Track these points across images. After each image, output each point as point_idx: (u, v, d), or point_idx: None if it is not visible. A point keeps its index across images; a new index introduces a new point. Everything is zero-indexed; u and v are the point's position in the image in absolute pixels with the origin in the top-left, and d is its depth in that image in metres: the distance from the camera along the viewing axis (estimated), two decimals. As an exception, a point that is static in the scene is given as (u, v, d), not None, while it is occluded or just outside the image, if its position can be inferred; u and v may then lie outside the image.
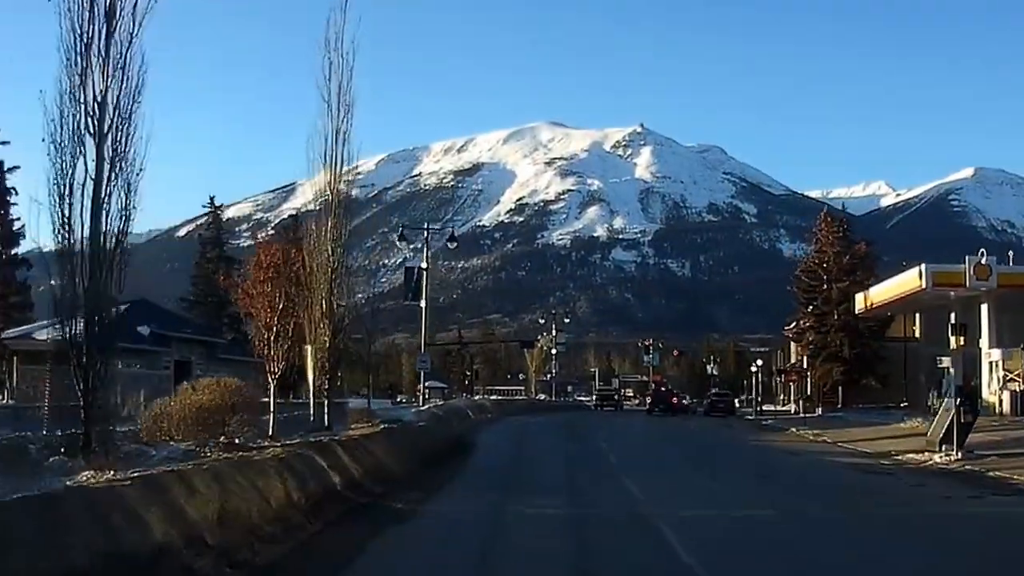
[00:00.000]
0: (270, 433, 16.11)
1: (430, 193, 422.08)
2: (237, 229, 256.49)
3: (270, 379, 16.17)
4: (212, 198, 69.17)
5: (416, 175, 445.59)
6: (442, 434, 25.59)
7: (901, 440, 29.39)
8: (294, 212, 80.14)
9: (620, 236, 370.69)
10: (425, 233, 43.34)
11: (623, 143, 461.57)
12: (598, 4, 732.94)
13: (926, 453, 23.80)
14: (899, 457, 24.32)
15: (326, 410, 20.72)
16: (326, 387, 20.74)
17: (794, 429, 39.02)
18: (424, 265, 41.91)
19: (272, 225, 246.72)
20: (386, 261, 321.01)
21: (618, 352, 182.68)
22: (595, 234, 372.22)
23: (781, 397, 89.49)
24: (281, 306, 16.36)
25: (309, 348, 20.78)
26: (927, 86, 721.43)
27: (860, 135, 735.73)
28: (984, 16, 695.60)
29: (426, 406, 36.83)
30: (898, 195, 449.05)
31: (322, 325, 20.67)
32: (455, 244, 54.64)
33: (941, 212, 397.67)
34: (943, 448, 23.35)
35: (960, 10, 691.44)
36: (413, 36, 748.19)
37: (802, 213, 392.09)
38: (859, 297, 45.41)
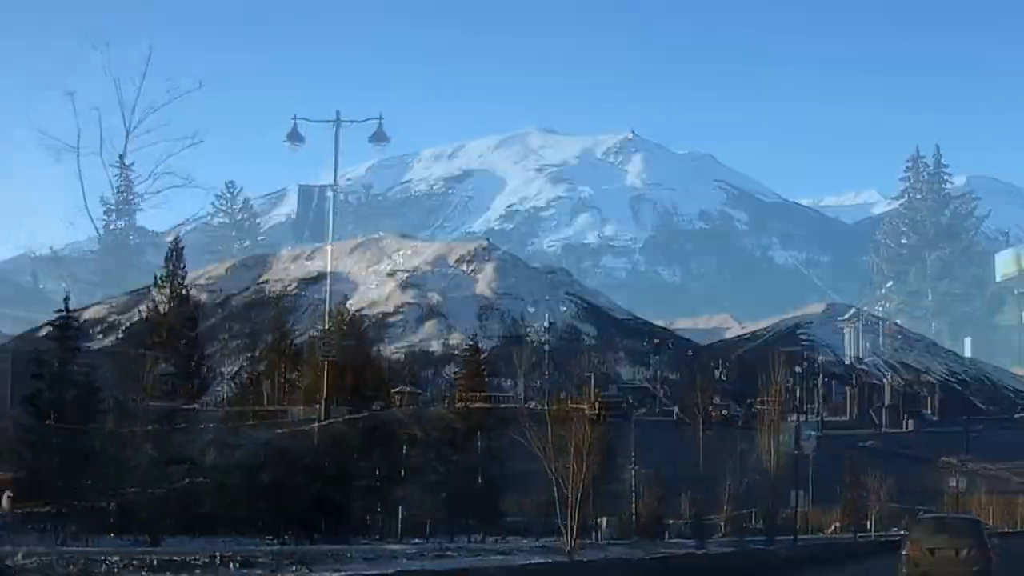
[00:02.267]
0: None
1: (420, 200, 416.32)
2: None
3: None
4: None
5: (406, 181, 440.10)
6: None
7: None
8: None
9: (611, 243, 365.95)
10: (336, 128, 29.18)
11: (614, 150, 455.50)
12: (589, 11, 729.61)
13: None
14: None
15: None
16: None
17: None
18: (332, 182, 27.66)
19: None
20: (376, 267, 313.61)
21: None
22: (585, 241, 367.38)
23: (816, 405, 78.56)
24: None
25: None
26: (917, 94, 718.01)
27: (851, 143, 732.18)
28: (976, 23, 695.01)
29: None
30: (889, 203, 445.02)
31: None
32: (385, 142, 35.21)
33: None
34: None
35: (952, 18, 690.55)
36: (405, 42, 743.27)
37: (793, 221, 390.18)
38: (1003, 258, 32.74)
